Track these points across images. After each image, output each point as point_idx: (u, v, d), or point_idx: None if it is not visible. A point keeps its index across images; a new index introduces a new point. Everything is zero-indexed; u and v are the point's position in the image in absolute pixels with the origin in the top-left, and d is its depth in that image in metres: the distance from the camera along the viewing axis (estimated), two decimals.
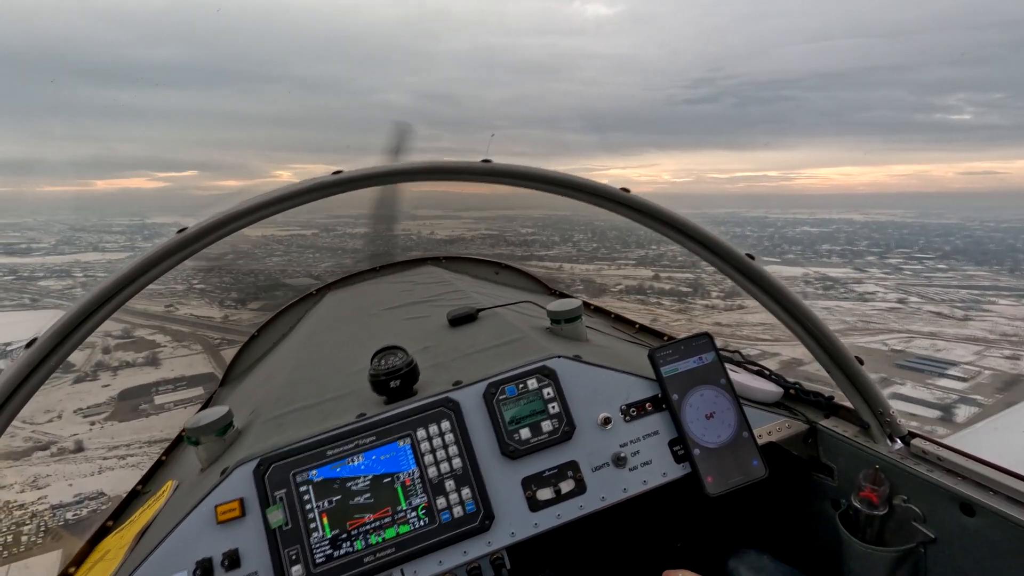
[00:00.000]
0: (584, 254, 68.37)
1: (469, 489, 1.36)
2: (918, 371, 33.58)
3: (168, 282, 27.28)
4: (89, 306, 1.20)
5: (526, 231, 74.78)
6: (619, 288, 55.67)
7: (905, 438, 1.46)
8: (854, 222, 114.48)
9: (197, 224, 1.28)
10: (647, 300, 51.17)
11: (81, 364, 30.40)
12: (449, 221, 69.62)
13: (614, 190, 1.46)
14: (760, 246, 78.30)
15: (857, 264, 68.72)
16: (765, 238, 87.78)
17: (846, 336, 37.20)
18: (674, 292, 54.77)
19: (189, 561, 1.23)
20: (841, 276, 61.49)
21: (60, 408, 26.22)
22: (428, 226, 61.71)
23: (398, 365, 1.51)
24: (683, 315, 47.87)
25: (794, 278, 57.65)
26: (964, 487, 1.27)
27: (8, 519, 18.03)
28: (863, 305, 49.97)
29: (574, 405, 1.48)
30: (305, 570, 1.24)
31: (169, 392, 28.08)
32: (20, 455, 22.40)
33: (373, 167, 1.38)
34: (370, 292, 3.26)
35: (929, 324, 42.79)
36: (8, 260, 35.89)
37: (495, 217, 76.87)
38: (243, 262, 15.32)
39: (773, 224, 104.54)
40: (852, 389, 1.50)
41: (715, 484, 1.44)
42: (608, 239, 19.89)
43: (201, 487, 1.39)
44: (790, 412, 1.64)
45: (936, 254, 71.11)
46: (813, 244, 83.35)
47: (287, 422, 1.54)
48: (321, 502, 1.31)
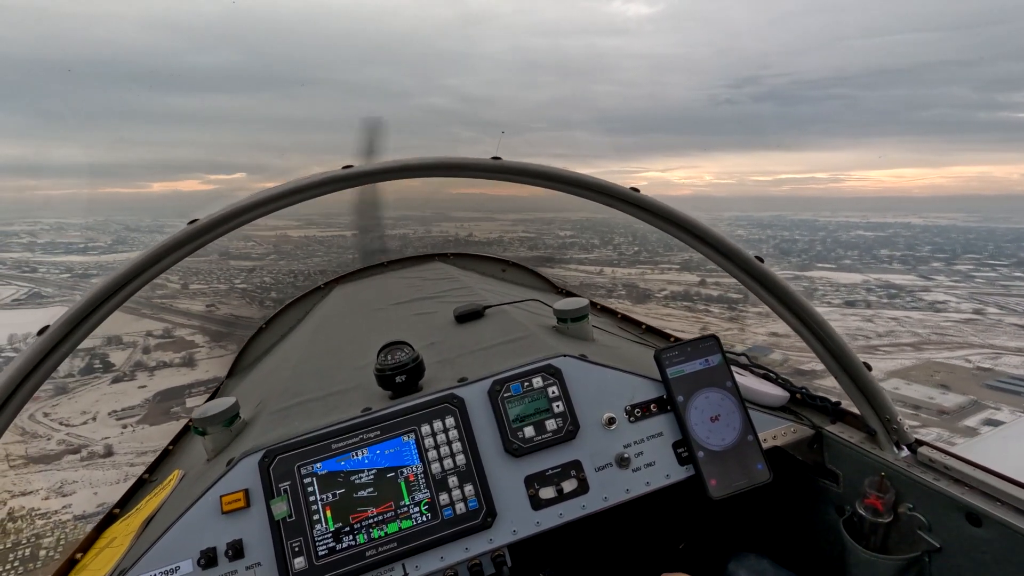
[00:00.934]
0: (625, 258, 65.95)
1: (472, 486, 1.37)
2: (1015, 393, 28.47)
3: (212, 281, 27.38)
4: (100, 295, 1.21)
5: (565, 234, 72.90)
6: (664, 294, 52.22)
7: (912, 445, 1.45)
8: (912, 226, 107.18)
9: (208, 216, 1.29)
10: (694, 307, 47.29)
11: (121, 364, 30.47)
12: (487, 223, 68.62)
13: (623, 189, 1.45)
14: (812, 251, 74.41)
15: (922, 271, 63.69)
16: (816, 242, 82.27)
17: (921, 351, 34.44)
18: (723, 299, 50.77)
19: (194, 550, 1.25)
20: (906, 284, 57.04)
21: (96, 410, 26.23)
22: (466, 228, 59.85)
23: (404, 360, 1.51)
24: (734, 324, 44.55)
25: (853, 285, 54.92)
26: (971, 496, 1.26)
27: (29, 529, 17.70)
28: (935, 316, 45.69)
29: (579, 404, 1.48)
30: (308, 562, 1.25)
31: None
32: (52, 458, 22.31)
33: (382, 162, 1.38)
34: (377, 287, 3.27)
35: (1016, 338, 38.20)
36: (66, 259, 36.43)
37: (533, 220, 75.40)
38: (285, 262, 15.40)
39: (824, 228, 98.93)
40: (859, 395, 1.49)
41: (718, 487, 1.43)
42: (650, 242, 19.64)
43: (207, 477, 1.40)
44: (796, 417, 1.63)
45: (1010, 260, 65.44)
46: (870, 249, 78.11)
47: (293, 414, 1.55)
48: (325, 495, 1.32)
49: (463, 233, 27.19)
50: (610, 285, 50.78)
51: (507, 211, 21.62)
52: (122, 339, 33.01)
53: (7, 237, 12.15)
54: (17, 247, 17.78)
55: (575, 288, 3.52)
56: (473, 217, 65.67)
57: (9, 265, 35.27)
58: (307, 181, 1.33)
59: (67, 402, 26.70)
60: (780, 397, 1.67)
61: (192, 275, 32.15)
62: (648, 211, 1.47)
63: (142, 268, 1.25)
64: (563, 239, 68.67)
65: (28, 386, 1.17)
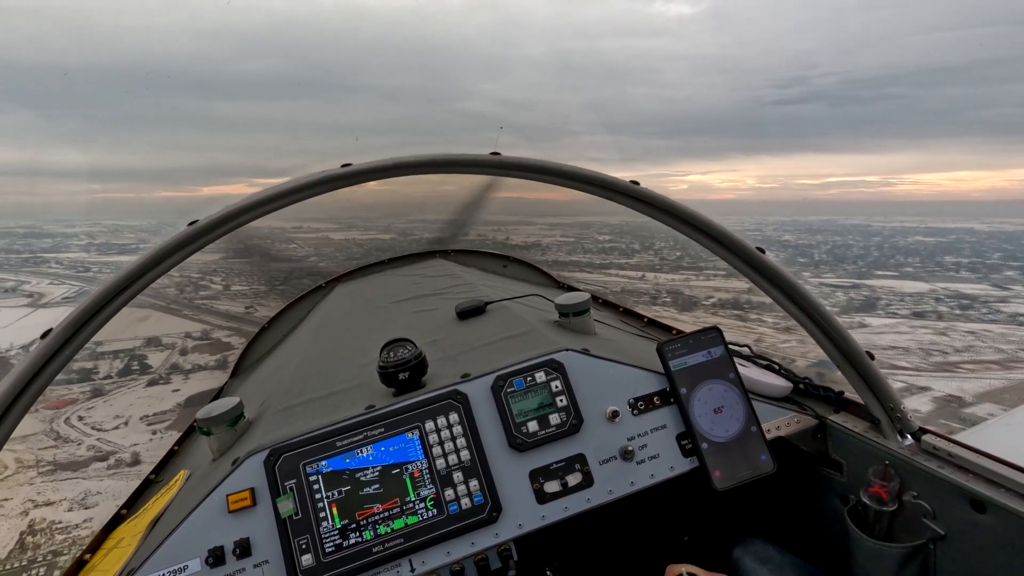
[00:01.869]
0: (668, 263, 63.34)
1: (477, 481, 1.37)
2: None
3: (253, 283, 27.25)
4: (102, 298, 1.22)
5: (604, 238, 71.12)
6: (711, 301, 49.53)
7: (916, 434, 1.45)
8: (976, 231, 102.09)
9: (208, 217, 1.29)
10: (746, 316, 44.29)
11: (157, 366, 30.39)
12: (524, 227, 67.42)
13: (623, 182, 1.45)
14: (868, 257, 70.60)
15: (995, 280, 60.19)
16: (873, 248, 77.95)
17: (1010, 369, 32.59)
18: (777, 307, 49.70)
19: (201, 549, 1.25)
20: (978, 293, 53.00)
21: (129, 414, 26.15)
22: (503, 231, 60.05)
23: (407, 357, 1.51)
24: (791, 335, 42.94)
25: (919, 295, 51.05)
26: (975, 484, 1.26)
27: (47, 544, 17.39)
28: (1019, 330, 41.82)
29: (582, 398, 1.48)
30: (315, 559, 1.26)
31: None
32: (79, 465, 22.18)
33: (381, 160, 1.38)
34: (379, 285, 3.27)
35: None
36: (118, 259, 36.57)
37: (571, 224, 73.53)
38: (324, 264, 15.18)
39: (879, 232, 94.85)
40: (862, 384, 1.49)
41: (723, 478, 1.44)
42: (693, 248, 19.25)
43: (213, 477, 1.41)
44: (799, 407, 1.63)
45: None
46: (932, 255, 73.75)
47: (297, 413, 1.55)
48: (331, 492, 1.32)
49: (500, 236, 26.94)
50: (653, 291, 48.25)
51: (544, 215, 21.66)
52: (161, 340, 32.94)
53: (67, 238, 12.21)
54: (76, 248, 17.68)
55: (616, 295, 3.49)
56: (510, 221, 62.76)
57: (65, 265, 35.43)
58: (306, 180, 1.33)
59: (103, 405, 26.54)
60: (783, 388, 1.67)
61: (235, 276, 31.97)
62: (649, 204, 1.46)
63: (143, 270, 1.25)
64: (602, 244, 66.87)
65: (32, 390, 1.17)
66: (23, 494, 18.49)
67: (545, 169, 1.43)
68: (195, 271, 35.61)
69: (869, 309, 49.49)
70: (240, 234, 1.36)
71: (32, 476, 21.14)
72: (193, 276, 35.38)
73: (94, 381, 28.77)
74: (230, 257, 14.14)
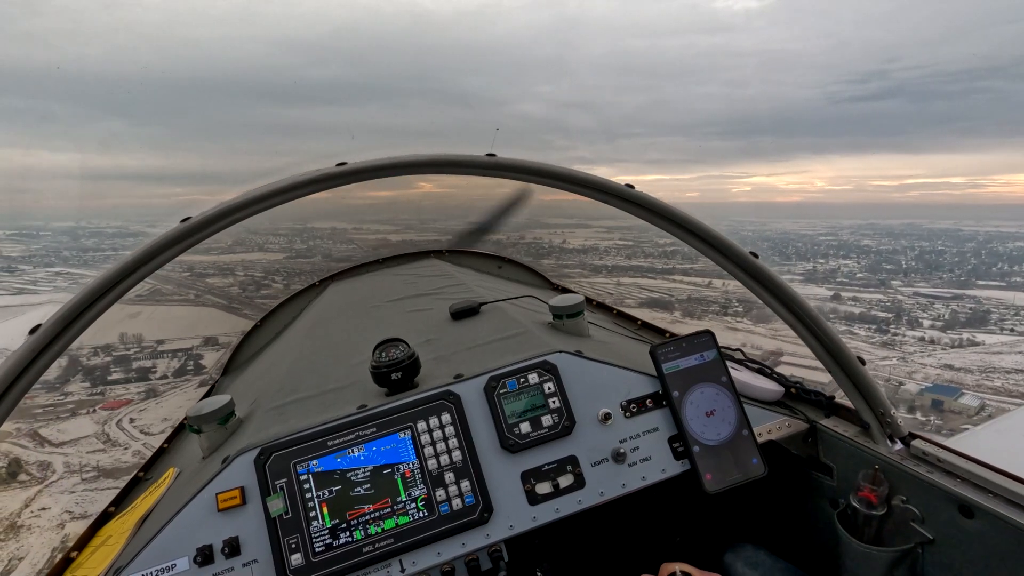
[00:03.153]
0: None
1: (468, 482, 1.37)
2: None
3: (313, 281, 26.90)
4: (92, 294, 1.21)
5: (664, 241, 65.78)
6: None
7: (905, 439, 1.46)
8: None
9: (201, 214, 1.28)
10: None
11: (210, 367, 29.82)
12: (581, 230, 65.32)
13: (618, 186, 1.45)
14: (965, 264, 63.69)
15: None
16: (968, 254, 70.22)
17: None
18: (868, 318, 41.37)
19: (190, 547, 1.24)
20: None
21: (177, 417, 25.45)
22: (560, 234, 56.81)
23: (399, 357, 1.51)
24: (892, 351, 33.69)
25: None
26: (963, 489, 1.27)
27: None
28: None
29: (575, 400, 1.48)
30: (304, 559, 1.25)
31: None
32: (121, 472, 21.67)
33: (376, 159, 1.38)
34: (373, 284, 3.27)
35: None
36: (190, 258, 36.51)
37: (629, 226, 68.54)
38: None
39: (972, 238, 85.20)
40: (853, 389, 1.50)
41: (714, 481, 1.44)
42: (760, 250, 17.90)
43: (202, 475, 1.40)
44: (790, 411, 1.64)
45: None
46: None
47: (288, 412, 1.55)
48: (321, 492, 1.32)
49: (557, 240, 26.07)
50: (722, 300, 43.75)
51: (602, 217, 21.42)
52: (218, 340, 32.49)
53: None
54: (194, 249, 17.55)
55: (682, 303, 3.46)
56: (567, 224, 61.36)
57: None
58: (301, 179, 1.32)
59: (154, 407, 26.19)
60: (775, 392, 1.68)
61: (295, 276, 31.38)
62: (644, 208, 1.47)
63: (135, 266, 1.24)
64: (663, 247, 63.02)
65: (19, 386, 1.16)
66: (62, 503, 18.37)
67: (539, 171, 1.43)
68: (259, 271, 35.34)
69: (979, 324, 43.01)
70: (303, 234, 1.35)
71: (75, 483, 20.78)
72: (256, 275, 34.96)
73: (151, 381, 28.33)
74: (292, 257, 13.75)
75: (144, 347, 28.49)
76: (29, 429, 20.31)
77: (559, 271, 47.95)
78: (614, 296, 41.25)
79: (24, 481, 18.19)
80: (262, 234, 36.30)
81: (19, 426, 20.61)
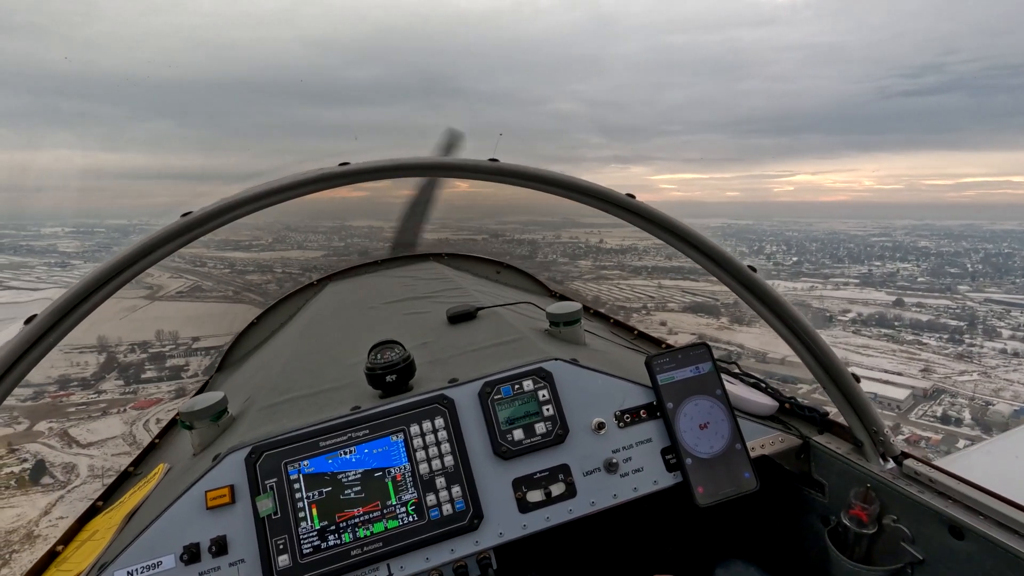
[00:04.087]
0: (784, 269, 55.17)
1: (459, 487, 1.36)
2: None
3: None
4: (89, 286, 1.20)
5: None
6: (849, 316, 39.51)
7: (898, 458, 1.46)
8: None
9: (201, 209, 1.28)
10: (897, 336, 34.86)
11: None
12: (618, 230, 64.21)
13: (618, 195, 1.45)
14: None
15: None
16: None
17: None
18: (938, 326, 36.97)
19: (176, 545, 1.23)
20: None
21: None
22: (596, 233, 54.90)
23: (395, 360, 1.51)
24: (970, 364, 28.62)
25: None
26: (954, 510, 1.27)
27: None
28: None
29: (569, 408, 1.48)
30: (292, 560, 1.24)
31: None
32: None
33: (378, 161, 1.38)
34: (371, 285, 3.26)
35: None
36: (232, 255, 36.42)
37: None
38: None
39: None
40: (847, 406, 1.50)
41: (706, 494, 1.44)
42: (808, 251, 16.70)
43: (192, 472, 1.39)
44: (784, 426, 1.64)
45: None
46: None
47: (281, 411, 1.54)
48: (311, 493, 1.31)
49: (593, 239, 25.18)
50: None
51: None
52: None
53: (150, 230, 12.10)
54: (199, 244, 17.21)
55: (729, 307, 3.40)
56: (603, 223, 59.56)
57: (187, 259, 35.30)
58: (302, 178, 1.32)
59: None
60: (769, 406, 1.68)
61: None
62: (643, 218, 1.47)
63: (133, 259, 1.24)
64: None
65: (13, 376, 1.15)
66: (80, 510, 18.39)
67: (541, 178, 1.43)
68: (296, 268, 35.28)
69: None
70: (341, 232, 1.35)
71: (96, 488, 20.49)
72: (294, 272, 34.78)
73: (182, 380, 28.08)
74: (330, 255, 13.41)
75: (179, 344, 28.24)
76: (60, 429, 20.09)
77: (597, 272, 45.77)
78: (656, 300, 39.16)
79: (47, 485, 17.95)
80: (302, 231, 36.33)
81: (52, 425, 20.38)
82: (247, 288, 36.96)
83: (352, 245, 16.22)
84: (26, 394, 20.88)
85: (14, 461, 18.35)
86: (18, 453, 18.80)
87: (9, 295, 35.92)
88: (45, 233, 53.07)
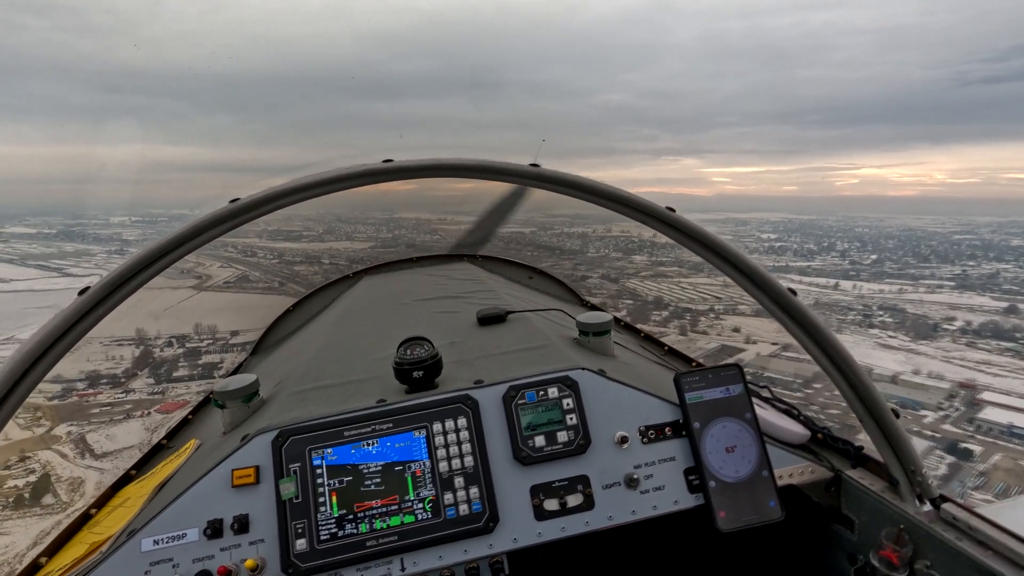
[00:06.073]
0: (864, 268, 46.19)
1: (477, 489, 1.37)
2: None
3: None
4: (140, 263, 1.26)
5: (767, 236, 58.44)
6: (956, 326, 31.90)
7: (935, 500, 1.39)
8: None
9: (248, 196, 1.33)
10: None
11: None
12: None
13: (659, 208, 1.44)
14: None
15: None
16: None
17: None
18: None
19: (201, 520, 1.28)
20: None
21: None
22: (648, 228, 56.14)
23: (423, 356, 1.52)
24: None
25: None
26: (994, 561, 1.20)
27: None
28: None
29: (592, 419, 1.47)
30: (309, 544, 1.27)
31: None
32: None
33: (420, 160, 1.40)
34: (404, 281, 3.31)
35: None
36: (282, 245, 38.10)
37: (724, 220, 63.21)
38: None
39: None
40: (884, 441, 1.44)
41: (727, 520, 1.40)
42: (885, 249, 15.41)
43: (221, 450, 1.43)
44: (815, 457, 1.58)
45: None
46: None
47: (310, 398, 1.58)
48: (332, 481, 1.33)
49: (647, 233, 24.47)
50: (860, 307, 34.23)
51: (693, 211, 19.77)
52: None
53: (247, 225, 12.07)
54: (251, 234, 17.58)
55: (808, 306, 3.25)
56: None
57: (239, 249, 36.73)
58: (346, 172, 1.35)
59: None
60: (801, 435, 1.62)
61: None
62: (682, 232, 1.45)
63: (181, 241, 1.29)
64: (767, 242, 55.22)
65: (64, 343, 1.21)
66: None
67: (580, 186, 1.43)
68: (343, 259, 36.06)
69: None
70: (390, 224, 1.38)
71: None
72: (341, 264, 35.35)
73: (214, 379, 28.76)
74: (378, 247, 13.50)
75: (217, 338, 28.83)
76: (79, 434, 20.30)
77: (655, 269, 43.44)
78: (723, 301, 35.88)
79: (47, 506, 17.28)
80: (352, 223, 36.93)
81: (71, 429, 20.38)
82: (292, 279, 37.34)
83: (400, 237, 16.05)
84: (54, 391, 20.46)
85: (21, 472, 17.44)
86: (28, 463, 17.68)
87: (65, 282, 37.53)
88: (113, 222, 55.68)
